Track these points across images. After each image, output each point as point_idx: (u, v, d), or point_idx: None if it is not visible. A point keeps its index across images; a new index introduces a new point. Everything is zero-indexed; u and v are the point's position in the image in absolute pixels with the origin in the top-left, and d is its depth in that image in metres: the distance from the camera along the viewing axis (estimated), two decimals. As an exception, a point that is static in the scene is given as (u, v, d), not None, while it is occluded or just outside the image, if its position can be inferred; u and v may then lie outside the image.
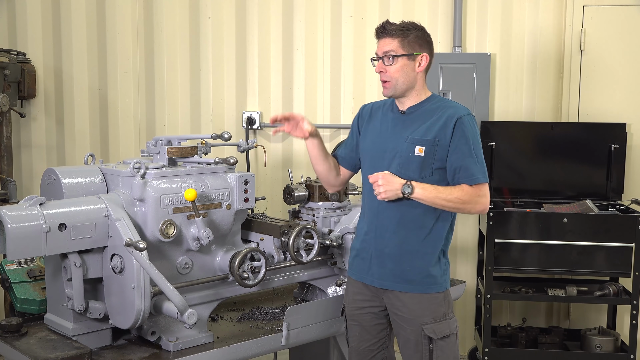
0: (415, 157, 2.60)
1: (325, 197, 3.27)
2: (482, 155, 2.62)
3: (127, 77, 4.75)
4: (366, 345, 2.80)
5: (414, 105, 2.68)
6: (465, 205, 2.56)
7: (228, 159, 2.89)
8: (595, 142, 4.36)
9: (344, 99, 4.74)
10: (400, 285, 2.65)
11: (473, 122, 2.61)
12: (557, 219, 3.95)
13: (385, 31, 2.64)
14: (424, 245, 2.63)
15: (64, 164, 4.70)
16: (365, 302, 2.78)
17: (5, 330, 2.73)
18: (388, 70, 2.63)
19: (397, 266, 2.65)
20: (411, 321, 2.64)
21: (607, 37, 4.56)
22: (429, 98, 2.70)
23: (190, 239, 2.74)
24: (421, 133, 2.61)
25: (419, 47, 2.63)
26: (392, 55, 2.61)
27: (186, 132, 4.76)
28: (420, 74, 2.66)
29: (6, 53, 4.34)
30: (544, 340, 4.29)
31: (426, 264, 2.63)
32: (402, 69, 2.62)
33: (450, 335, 2.65)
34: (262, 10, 4.71)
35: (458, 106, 2.64)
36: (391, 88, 2.66)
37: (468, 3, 4.61)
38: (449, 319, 2.66)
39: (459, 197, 2.54)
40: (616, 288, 4.15)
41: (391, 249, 2.66)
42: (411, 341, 2.64)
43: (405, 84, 2.64)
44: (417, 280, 2.63)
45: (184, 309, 2.57)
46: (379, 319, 2.78)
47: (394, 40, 2.62)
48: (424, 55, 2.63)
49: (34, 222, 2.44)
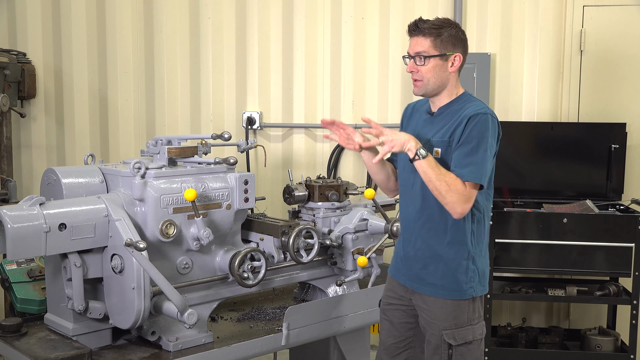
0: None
1: (325, 197, 3.26)
2: (487, 157, 2.48)
3: (127, 77, 4.75)
4: (393, 341, 2.79)
5: (444, 106, 2.62)
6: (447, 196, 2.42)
7: (228, 159, 2.89)
8: (595, 142, 4.35)
9: (344, 99, 4.74)
10: (425, 289, 2.62)
11: (487, 122, 2.50)
12: (557, 219, 3.94)
13: (418, 29, 2.55)
14: (448, 250, 2.57)
15: (64, 164, 4.70)
16: (395, 299, 2.77)
17: (5, 330, 2.73)
18: (420, 70, 2.56)
19: (422, 269, 2.63)
20: (432, 324, 2.61)
21: (607, 37, 4.56)
22: (458, 98, 2.61)
23: (190, 239, 2.74)
24: (440, 135, 2.56)
25: (452, 47, 2.54)
26: (424, 55, 2.54)
27: (186, 132, 4.76)
28: (453, 74, 2.58)
29: (6, 53, 4.34)
30: (544, 340, 4.29)
31: (450, 270, 2.57)
32: (434, 69, 2.54)
33: (473, 342, 2.59)
34: (262, 10, 4.71)
35: (478, 105, 2.55)
36: (422, 87, 2.59)
37: (468, 3, 4.61)
38: (473, 324, 2.59)
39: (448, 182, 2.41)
40: (616, 288, 4.15)
41: (416, 252, 2.64)
42: (432, 344, 2.62)
43: (436, 84, 2.57)
44: (440, 284, 2.59)
45: (184, 309, 2.57)
46: (407, 318, 2.75)
47: (426, 39, 2.54)
48: (457, 55, 2.55)
49: (34, 222, 2.44)
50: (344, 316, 3.09)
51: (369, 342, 3.40)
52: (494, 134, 2.54)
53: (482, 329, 2.63)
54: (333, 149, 4.71)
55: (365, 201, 3.41)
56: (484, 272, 2.63)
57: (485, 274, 2.64)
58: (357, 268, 3.19)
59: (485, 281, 2.63)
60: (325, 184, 3.29)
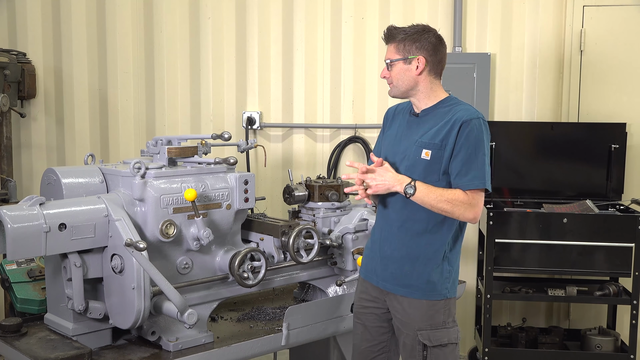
0: (421, 161, 2.58)
1: (325, 197, 3.27)
2: (486, 161, 2.54)
3: (127, 77, 4.75)
4: (367, 345, 2.80)
5: (428, 108, 2.66)
6: (454, 210, 2.52)
7: (228, 159, 2.90)
8: (595, 142, 4.35)
9: (344, 99, 4.74)
10: (400, 289, 2.64)
11: (480, 126, 2.55)
12: (557, 219, 3.94)
13: (386, 37, 2.69)
14: (426, 250, 2.60)
15: (64, 164, 4.70)
16: (369, 302, 2.78)
17: (5, 330, 2.73)
18: (390, 74, 2.68)
19: (398, 269, 2.65)
20: (408, 325, 2.63)
21: (607, 37, 4.56)
22: (444, 100, 2.66)
23: (190, 239, 2.74)
24: (429, 136, 2.59)
25: (416, 50, 2.61)
26: (389, 60, 2.66)
27: (186, 132, 4.76)
28: (422, 77, 2.63)
29: (6, 53, 4.34)
30: (544, 340, 4.29)
31: (427, 270, 2.60)
32: (399, 73, 2.64)
33: (448, 345, 2.61)
34: (262, 10, 4.71)
35: (469, 109, 2.59)
36: (393, 90, 2.70)
37: (468, 3, 4.61)
38: (448, 327, 2.62)
39: (449, 199, 2.50)
40: (616, 288, 4.15)
41: (393, 252, 2.66)
42: (407, 346, 2.64)
43: (404, 86, 2.65)
44: (416, 285, 2.61)
45: (184, 309, 2.57)
46: (381, 322, 2.77)
47: (390, 45, 2.67)
48: (419, 58, 2.61)
49: (34, 222, 2.44)
50: (344, 316, 3.09)
51: (369, 342, 3.39)
52: (488, 137, 2.60)
53: (457, 334, 2.66)
54: (333, 149, 4.71)
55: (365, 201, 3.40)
56: (457, 274, 2.69)
57: (457, 276, 2.71)
58: (357, 268, 3.19)
59: (456, 283, 2.70)
60: (325, 184, 3.29)
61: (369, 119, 4.71)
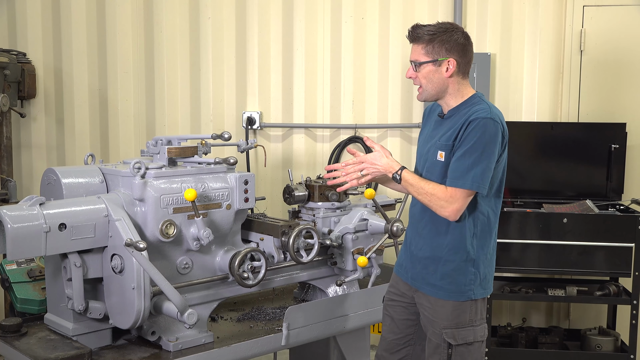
0: (437, 162, 2.57)
1: (325, 197, 3.26)
2: (482, 161, 2.46)
3: (127, 77, 4.75)
4: (393, 337, 2.81)
5: (453, 109, 2.62)
6: (431, 205, 2.52)
7: (228, 159, 2.89)
8: (595, 142, 4.35)
9: (344, 99, 4.74)
10: (427, 288, 2.64)
11: (485, 126, 2.48)
12: (557, 219, 3.94)
13: (411, 36, 2.60)
14: (447, 252, 2.59)
15: (64, 164, 4.70)
16: (397, 296, 2.80)
17: (5, 330, 2.73)
18: (417, 76, 2.61)
19: (424, 269, 2.65)
20: (434, 323, 2.62)
21: (607, 37, 4.56)
22: (468, 100, 2.61)
23: (190, 239, 2.74)
24: (445, 138, 2.57)
25: (446, 52, 2.55)
26: (417, 62, 2.58)
27: (186, 132, 4.76)
28: (452, 79, 2.58)
29: (6, 53, 4.34)
30: (544, 340, 4.29)
31: (449, 271, 2.58)
32: (428, 75, 2.57)
33: (474, 343, 2.60)
34: (262, 10, 4.71)
35: (480, 109, 2.53)
36: (422, 94, 2.63)
37: (468, 3, 4.61)
38: (475, 325, 2.60)
39: (428, 192, 2.51)
40: (616, 288, 4.15)
41: (418, 252, 2.67)
42: (433, 342, 2.64)
43: (434, 89, 2.60)
44: (440, 285, 2.60)
45: (184, 309, 2.57)
46: (408, 315, 2.77)
47: (418, 46, 2.58)
48: (450, 60, 2.55)
49: (34, 222, 2.44)
50: (344, 316, 3.09)
51: (369, 342, 3.40)
52: (494, 139, 2.50)
53: (484, 331, 2.63)
54: (333, 149, 4.71)
55: (365, 201, 3.41)
56: (485, 275, 2.62)
57: (488, 278, 2.64)
58: (357, 268, 3.19)
59: (487, 284, 2.64)
60: (325, 184, 3.29)
61: (369, 119, 4.71)
